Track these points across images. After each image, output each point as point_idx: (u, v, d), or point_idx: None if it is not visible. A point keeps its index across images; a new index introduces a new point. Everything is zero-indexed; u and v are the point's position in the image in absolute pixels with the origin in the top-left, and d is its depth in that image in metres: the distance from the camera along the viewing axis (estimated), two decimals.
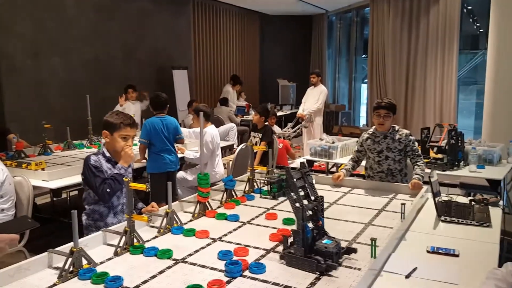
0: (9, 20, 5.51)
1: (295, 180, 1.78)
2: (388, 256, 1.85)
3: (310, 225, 1.76)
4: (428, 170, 3.18)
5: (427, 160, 4.05)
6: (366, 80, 10.58)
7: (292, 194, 1.75)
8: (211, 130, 4.60)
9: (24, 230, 1.20)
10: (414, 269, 1.73)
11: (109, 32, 6.96)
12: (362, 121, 11.25)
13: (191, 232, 2.09)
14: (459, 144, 3.99)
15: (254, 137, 5.47)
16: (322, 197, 1.86)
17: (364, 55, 11.08)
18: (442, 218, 2.39)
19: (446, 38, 8.68)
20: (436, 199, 2.51)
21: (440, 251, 1.93)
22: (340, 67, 11.80)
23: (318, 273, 1.66)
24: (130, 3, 7.35)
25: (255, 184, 2.96)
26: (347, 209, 2.57)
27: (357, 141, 3.48)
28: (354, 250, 1.82)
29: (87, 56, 6.59)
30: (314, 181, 3.16)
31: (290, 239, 1.80)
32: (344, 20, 11.61)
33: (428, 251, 1.94)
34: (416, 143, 3.25)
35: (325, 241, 1.75)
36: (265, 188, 2.99)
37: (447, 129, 4.09)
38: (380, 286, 1.61)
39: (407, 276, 1.69)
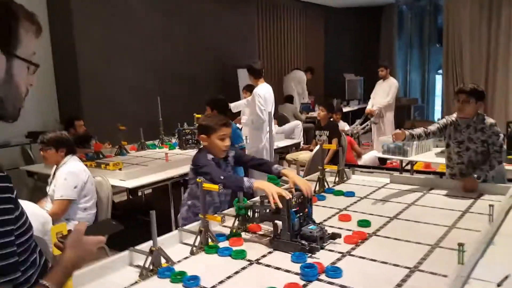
0: (84, 26, 5.81)
1: None
2: (476, 262, 1.71)
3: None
4: None
5: (511, 157, 3.77)
6: (440, 71, 10.03)
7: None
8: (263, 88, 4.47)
9: (110, 233, 1.24)
10: (507, 277, 1.58)
11: (175, 34, 7.14)
12: (437, 115, 10.66)
13: None
14: None
15: (321, 135, 5.36)
16: None
17: (438, 45, 10.50)
18: None
19: None
20: None
21: None
22: (412, 58, 11.25)
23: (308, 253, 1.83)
24: (195, 4, 7.50)
25: (325, 183, 2.89)
26: (428, 210, 2.42)
27: (445, 119, 3.09)
28: (339, 235, 1.95)
29: (155, 58, 6.81)
30: (388, 181, 3.05)
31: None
32: (415, 9, 11.05)
33: None
34: (502, 136, 2.90)
35: (310, 227, 1.93)
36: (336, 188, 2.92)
37: None
38: None
39: (498, 284, 1.55)
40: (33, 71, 1.06)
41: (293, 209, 1.91)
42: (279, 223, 1.96)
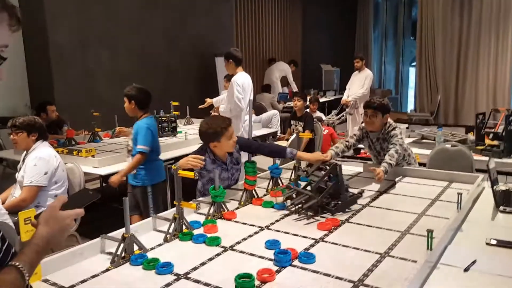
0: (59, 12, 5.67)
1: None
2: (444, 248, 1.76)
3: None
4: (485, 158, 3.01)
5: (481, 147, 3.88)
6: (414, 64, 10.20)
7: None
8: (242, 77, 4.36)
9: (88, 203, 1.20)
10: (473, 262, 1.64)
11: (153, 22, 7.03)
12: (410, 106, 10.87)
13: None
14: None
15: (296, 125, 5.37)
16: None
17: (412, 37, 10.66)
18: (501, 208, 2.26)
19: (500, 18, 8.21)
20: (494, 187, 2.37)
21: (500, 244, 1.82)
22: (387, 50, 11.41)
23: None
24: None
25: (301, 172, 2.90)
26: (399, 198, 2.48)
27: (359, 130, 3.21)
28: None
29: (132, 46, 6.69)
30: (362, 169, 3.10)
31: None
32: (391, 1, 11.19)
33: (487, 243, 1.83)
34: (399, 136, 2.97)
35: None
36: None
37: (504, 114, 3.87)
38: (437, 279, 1.54)
39: (466, 269, 1.60)
40: None
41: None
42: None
